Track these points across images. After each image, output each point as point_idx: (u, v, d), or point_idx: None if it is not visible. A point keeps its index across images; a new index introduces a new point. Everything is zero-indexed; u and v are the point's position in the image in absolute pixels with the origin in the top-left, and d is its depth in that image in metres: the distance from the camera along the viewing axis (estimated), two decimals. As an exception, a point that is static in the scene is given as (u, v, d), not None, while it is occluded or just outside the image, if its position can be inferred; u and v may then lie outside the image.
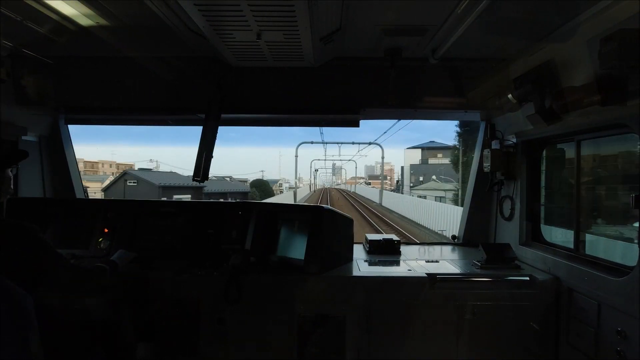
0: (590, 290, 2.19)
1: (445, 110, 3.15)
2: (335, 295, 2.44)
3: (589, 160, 2.56)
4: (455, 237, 3.57)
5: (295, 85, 2.98)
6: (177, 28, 2.17)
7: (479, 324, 2.46)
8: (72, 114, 3.31)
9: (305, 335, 2.44)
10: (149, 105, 3.10)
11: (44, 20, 2.17)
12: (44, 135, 3.29)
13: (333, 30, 2.25)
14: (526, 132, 2.82)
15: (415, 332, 2.44)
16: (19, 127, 2.95)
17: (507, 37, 2.39)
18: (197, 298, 2.42)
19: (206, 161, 2.75)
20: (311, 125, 3.57)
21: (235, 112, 3.05)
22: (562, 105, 2.26)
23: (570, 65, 2.23)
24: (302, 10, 1.86)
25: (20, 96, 2.84)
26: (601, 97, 1.97)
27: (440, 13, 2.08)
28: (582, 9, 1.91)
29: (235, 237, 2.80)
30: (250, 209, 2.89)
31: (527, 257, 2.82)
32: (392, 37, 2.44)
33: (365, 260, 2.87)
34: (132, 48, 2.63)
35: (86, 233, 2.82)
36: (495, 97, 2.80)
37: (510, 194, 3.09)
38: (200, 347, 2.43)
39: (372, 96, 2.96)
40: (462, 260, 2.94)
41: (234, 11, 1.88)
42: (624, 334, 1.96)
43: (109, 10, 2.08)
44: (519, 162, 2.97)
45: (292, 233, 2.73)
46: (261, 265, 2.63)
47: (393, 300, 2.44)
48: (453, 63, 2.79)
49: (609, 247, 2.62)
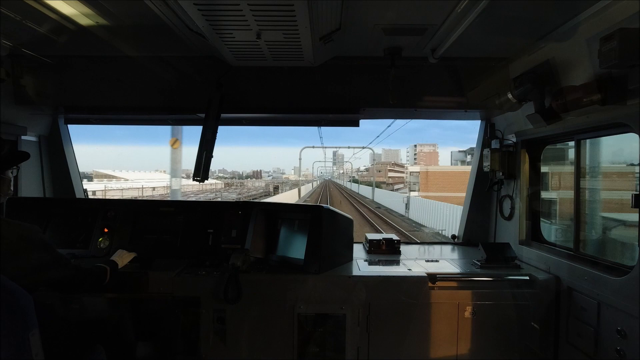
0: (590, 290, 2.19)
1: (445, 109, 3.15)
2: (335, 295, 2.44)
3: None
4: (456, 237, 3.57)
5: (295, 85, 2.98)
6: (177, 28, 2.17)
7: (479, 324, 2.46)
8: (71, 114, 3.31)
9: (305, 334, 2.45)
10: (149, 105, 3.10)
11: (44, 20, 2.17)
12: (44, 135, 3.29)
13: (333, 29, 2.25)
14: (526, 131, 2.82)
15: (415, 332, 2.44)
16: (19, 126, 2.95)
17: (507, 37, 2.39)
18: (197, 297, 2.42)
19: (206, 161, 2.75)
20: (311, 125, 3.56)
21: (235, 112, 3.05)
22: (562, 105, 2.25)
23: (570, 65, 2.23)
24: (301, 10, 1.86)
25: (20, 96, 2.84)
26: (601, 97, 1.97)
27: (440, 12, 2.08)
28: (581, 8, 1.92)
29: (235, 236, 2.80)
30: (250, 208, 2.89)
31: (527, 256, 2.82)
32: (392, 36, 2.44)
33: (365, 259, 2.87)
34: (131, 48, 2.63)
35: (86, 233, 2.82)
36: (495, 97, 2.80)
37: (510, 194, 3.09)
38: (200, 347, 2.43)
39: (372, 96, 2.96)
40: (462, 260, 2.94)
41: (233, 11, 1.88)
42: (624, 333, 1.96)
43: (108, 10, 2.07)
44: (518, 162, 2.97)
45: (292, 233, 2.73)
46: (261, 264, 2.63)
47: (393, 300, 2.44)
48: (453, 62, 2.79)
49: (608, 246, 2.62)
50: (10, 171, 1.88)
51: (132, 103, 3.08)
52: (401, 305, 2.44)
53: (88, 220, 2.86)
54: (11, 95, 2.80)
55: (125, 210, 2.90)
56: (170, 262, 2.60)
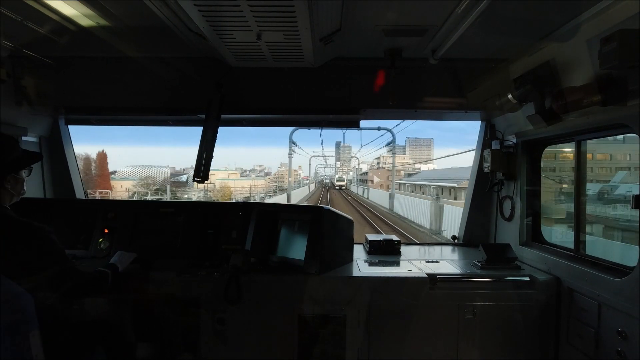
0: (591, 291, 2.19)
1: (446, 110, 3.15)
2: (335, 296, 2.44)
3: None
4: (456, 238, 3.57)
5: (295, 86, 2.98)
6: (177, 29, 2.17)
7: (480, 325, 2.45)
8: (72, 115, 3.31)
9: (305, 335, 2.44)
10: (149, 106, 3.10)
11: (45, 21, 2.17)
12: (44, 136, 3.30)
13: (333, 30, 2.25)
14: (526, 132, 2.82)
15: (416, 333, 2.44)
16: (19, 127, 2.95)
17: (507, 37, 2.39)
18: (197, 298, 2.42)
19: (206, 161, 2.74)
20: (311, 126, 3.56)
21: (235, 113, 3.05)
22: (562, 106, 2.25)
23: (570, 66, 2.23)
24: (302, 11, 1.86)
25: (20, 97, 2.84)
26: (601, 97, 1.97)
27: (440, 13, 2.08)
28: (582, 9, 1.92)
29: (235, 237, 2.80)
30: (250, 209, 2.89)
31: (528, 257, 2.82)
32: (392, 37, 2.44)
33: (365, 260, 2.87)
34: (132, 48, 2.63)
35: (86, 233, 2.82)
36: (496, 98, 2.80)
37: (510, 194, 3.09)
38: (200, 347, 2.43)
39: (372, 96, 2.96)
40: (462, 261, 2.94)
41: (234, 12, 1.88)
42: (624, 334, 1.96)
43: (109, 10, 2.08)
44: (519, 163, 2.97)
45: (293, 233, 2.72)
46: (261, 265, 2.63)
47: (393, 301, 2.43)
48: (453, 63, 2.79)
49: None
50: (23, 172, 1.91)
51: (133, 104, 3.08)
52: (401, 306, 2.44)
53: (88, 221, 2.86)
54: (12, 96, 2.80)
55: (125, 211, 2.89)
56: (170, 263, 2.60)
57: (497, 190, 3.24)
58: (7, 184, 1.81)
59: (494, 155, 3.07)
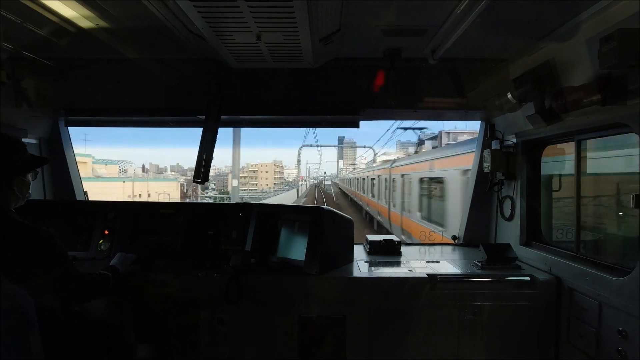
0: (591, 290, 2.19)
1: (445, 110, 3.16)
2: (335, 296, 2.44)
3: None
4: (456, 238, 3.57)
5: (294, 86, 2.98)
6: (176, 30, 2.17)
7: (480, 324, 2.45)
8: (72, 116, 3.31)
9: (305, 336, 2.44)
10: (149, 107, 3.10)
11: (44, 23, 2.17)
12: (44, 138, 3.30)
13: (332, 31, 2.25)
14: (526, 132, 2.82)
15: (416, 333, 2.44)
16: (19, 129, 2.95)
17: (507, 37, 2.39)
18: (197, 299, 2.42)
19: (206, 163, 2.74)
20: (311, 127, 3.58)
21: (235, 114, 3.05)
22: (562, 105, 2.25)
23: (570, 65, 2.22)
24: (301, 11, 1.86)
25: (20, 98, 2.84)
26: (601, 97, 1.97)
27: (440, 13, 2.08)
28: (581, 8, 1.92)
29: (235, 238, 2.80)
30: (250, 209, 2.89)
31: (528, 257, 2.82)
32: (392, 37, 2.44)
33: (365, 261, 2.87)
34: (131, 50, 2.63)
35: (86, 235, 2.82)
36: (495, 97, 2.80)
37: (510, 194, 3.09)
38: (200, 348, 2.43)
39: (372, 97, 2.96)
40: (462, 261, 2.93)
41: (233, 12, 1.88)
42: (625, 333, 1.96)
43: (108, 12, 2.08)
44: (519, 162, 2.97)
45: (293, 234, 2.72)
46: (261, 266, 2.63)
47: (393, 301, 2.43)
48: (453, 63, 2.79)
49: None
50: (29, 175, 1.92)
51: (133, 105, 3.08)
52: (402, 306, 2.44)
53: (88, 222, 2.86)
54: (12, 98, 2.80)
55: (125, 212, 2.90)
56: (170, 263, 2.60)
57: (497, 190, 3.24)
58: (14, 186, 1.82)
59: (494, 155, 3.07)
